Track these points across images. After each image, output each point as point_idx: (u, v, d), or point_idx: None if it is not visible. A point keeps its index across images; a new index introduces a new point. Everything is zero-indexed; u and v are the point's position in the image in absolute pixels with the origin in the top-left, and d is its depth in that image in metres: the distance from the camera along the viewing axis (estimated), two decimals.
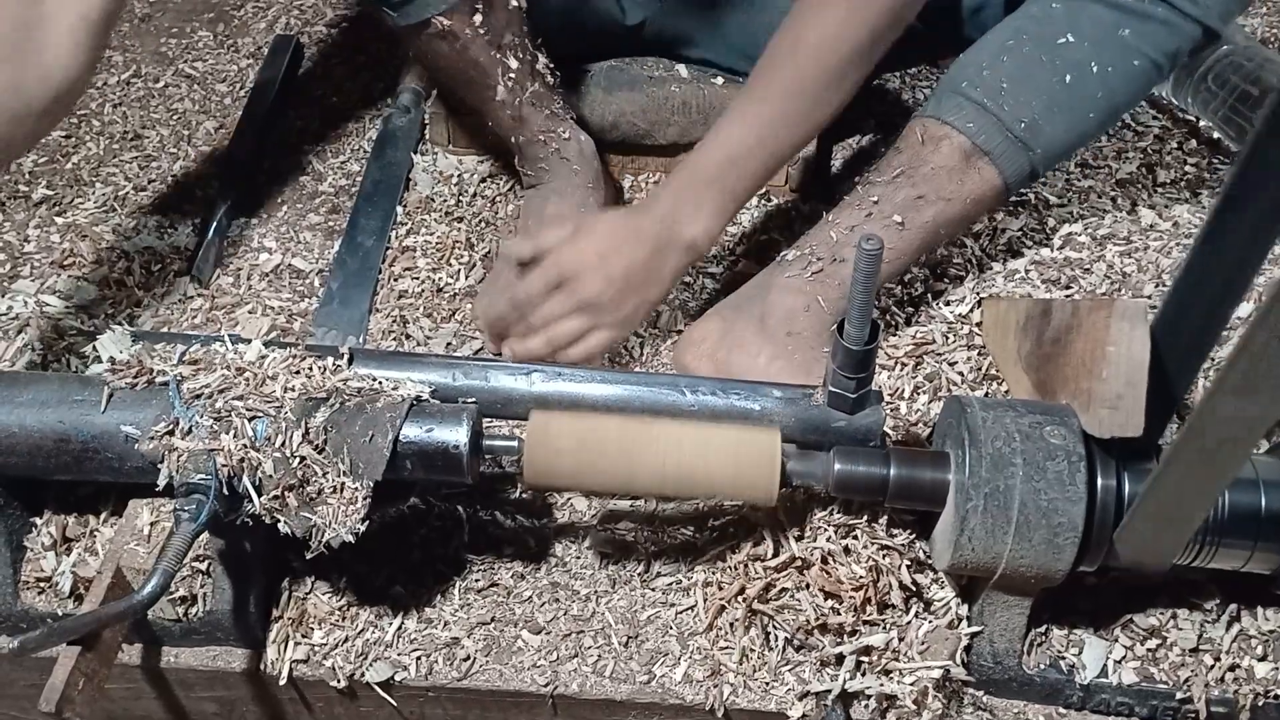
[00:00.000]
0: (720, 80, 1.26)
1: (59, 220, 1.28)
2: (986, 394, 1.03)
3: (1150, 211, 1.23)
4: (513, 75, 1.12)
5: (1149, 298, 1.11)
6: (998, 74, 1.02)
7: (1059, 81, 1.00)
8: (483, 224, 1.25)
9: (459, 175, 1.31)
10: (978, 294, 1.13)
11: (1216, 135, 1.36)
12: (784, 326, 1.02)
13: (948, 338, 1.08)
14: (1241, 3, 1.05)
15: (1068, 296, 1.12)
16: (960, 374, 1.05)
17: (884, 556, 0.84)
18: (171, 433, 0.78)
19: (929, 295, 1.14)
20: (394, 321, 1.14)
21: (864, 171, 1.15)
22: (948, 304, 1.13)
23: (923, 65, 1.44)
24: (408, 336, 1.13)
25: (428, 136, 1.34)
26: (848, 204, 1.06)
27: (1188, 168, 1.32)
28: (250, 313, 1.15)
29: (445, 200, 1.28)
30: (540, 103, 1.15)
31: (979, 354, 1.06)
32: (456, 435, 0.79)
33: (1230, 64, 1.32)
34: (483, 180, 1.31)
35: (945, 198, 1.02)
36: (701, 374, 0.99)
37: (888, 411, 0.95)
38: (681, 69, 1.27)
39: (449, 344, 1.12)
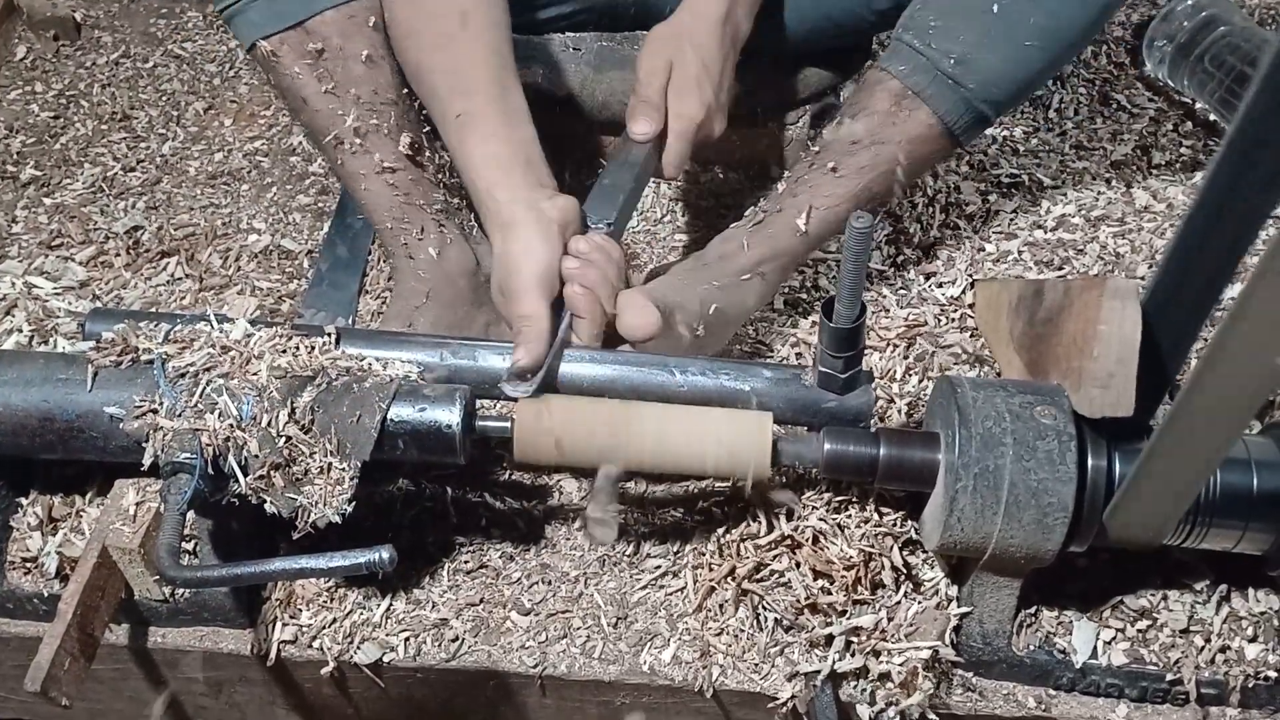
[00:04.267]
0: None
1: (47, 201, 1.27)
2: (979, 375, 1.02)
3: (1145, 193, 1.23)
4: (354, 137, 0.99)
5: (1142, 279, 1.11)
6: (927, 12, 1.01)
7: (988, 12, 0.98)
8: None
9: None
10: (970, 276, 1.12)
11: (1212, 117, 1.35)
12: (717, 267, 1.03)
13: (940, 319, 1.08)
14: None
15: (1061, 278, 1.11)
16: (953, 355, 1.04)
17: (876, 536, 0.84)
18: (156, 412, 0.78)
19: (921, 277, 1.14)
20: (383, 303, 1.14)
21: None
22: (940, 286, 1.12)
23: None
24: None
25: None
26: (801, 158, 1.08)
27: (1183, 150, 1.31)
28: (239, 294, 1.14)
29: None
30: (399, 186, 1.01)
31: (971, 335, 1.06)
32: (449, 415, 0.79)
33: (1227, 45, 1.31)
34: None
35: (879, 140, 1.02)
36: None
37: (878, 392, 0.95)
38: None
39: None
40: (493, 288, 0.90)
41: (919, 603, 0.83)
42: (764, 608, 0.84)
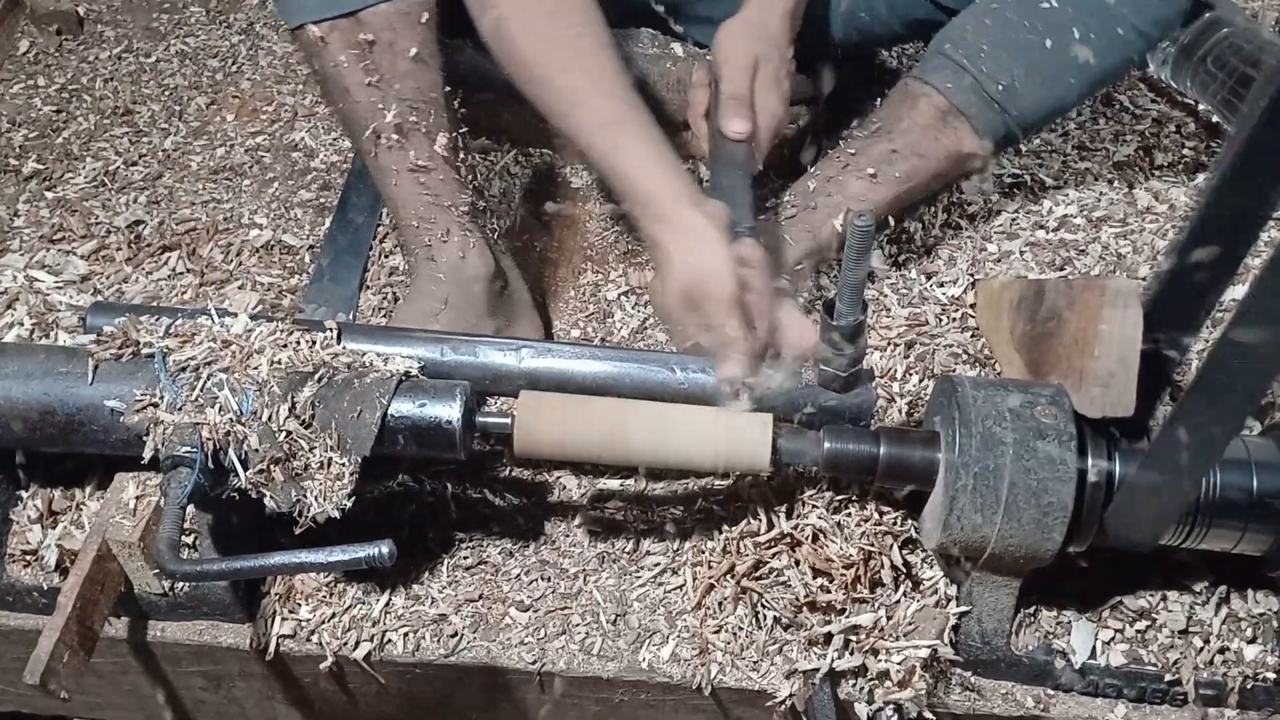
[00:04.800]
0: None
1: (49, 195, 1.27)
2: (979, 375, 1.02)
3: (1146, 194, 1.23)
4: (393, 133, 0.97)
5: (1143, 279, 1.11)
6: (979, 36, 1.03)
7: (1039, 46, 1.01)
8: None
9: None
10: (972, 275, 1.12)
11: (1215, 119, 1.35)
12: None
13: (941, 319, 1.08)
14: None
15: (1062, 278, 1.11)
16: (954, 355, 1.04)
17: (876, 535, 0.84)
18: (157, 405, 0.78)
19: (922, 277, 1.14)
20: (385, 298, 1.14)
21: (852, 127, 1.19)
22: (941, 285, 1.12)
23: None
24: None
25: None
26: (830, 156, 1.10)
27: (1185, 151, 1.31)
28: (240, 288, 1.14)
29: None
30: (429, 186, 1.00)
31: (972, 335, 1.06)
32: (450, 411, 0.79)
33: (1230, 46, 1.31)
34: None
35: (919, 154, 1.05)
36: (675, 302, 0.92)
37: (879, 391, 0.95)
38: (677, 47, 1.26)
39: None
40: (668, 297, 0.87)
41: (918, 601, 0.83)
42: (763, 606, 0.84)
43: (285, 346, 0.82)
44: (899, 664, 0.80)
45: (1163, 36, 1.04)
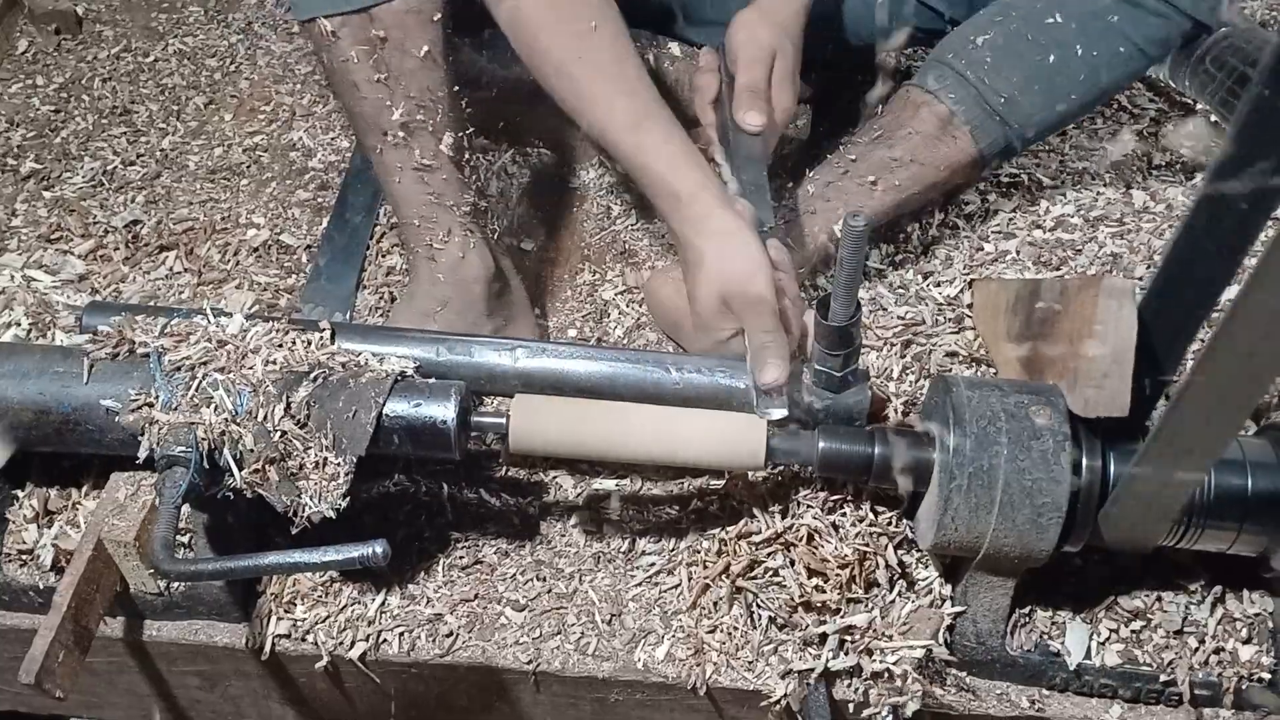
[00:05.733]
0: None
1: (46, 194, 1.27)
2: (975, 375, 1.02)
3: (1143, 193, 1.23)
4: (399, 131, 0.96)
5: (1139, 279, 1.11)
6: (983, 48, 1.04)
7: (1042, 60, 1.02)
8: None
9: None
10: (968, 275, 1.12)
11: (1213, 119, 1.35)
12: None
13: (937, 319, 1.08)
14: None
15: (1058, 277, 1.11)
16: (950, 354, 1.04)
17: (871, 535, 0.84)
18: (152, 405, 0.78)
19: (919, 276, 1.13)
20: (382, 298, 1.14)
21: (851, 132, 1.18)
22: (938, 285, 1.12)
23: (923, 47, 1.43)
24: None
25: None
26: (829, 161, 1.09)
27: (1183, 151, 1.31)
28: (237, 288, 1.14)
29: None
30: (432, 185, 0.99)
31: (969, 335, 1.06)
32: (445, 410, 0.79)
33: (1228, 47, 1.30)
34: None
35: (920, 162, 1.05)
36: (669, 301, 0.94)
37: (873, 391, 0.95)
38: (674, 47, 1.26)
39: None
40: (702, 297, 0.87)
41: (913, 602, 0.83)
42: (758, 605, 0.84)
43: (281, 346, 0.82)
44: (894, 664, 0.80)
45: (1161, 56, 1.06)
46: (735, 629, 0.85)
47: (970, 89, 1.03)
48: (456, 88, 0.98)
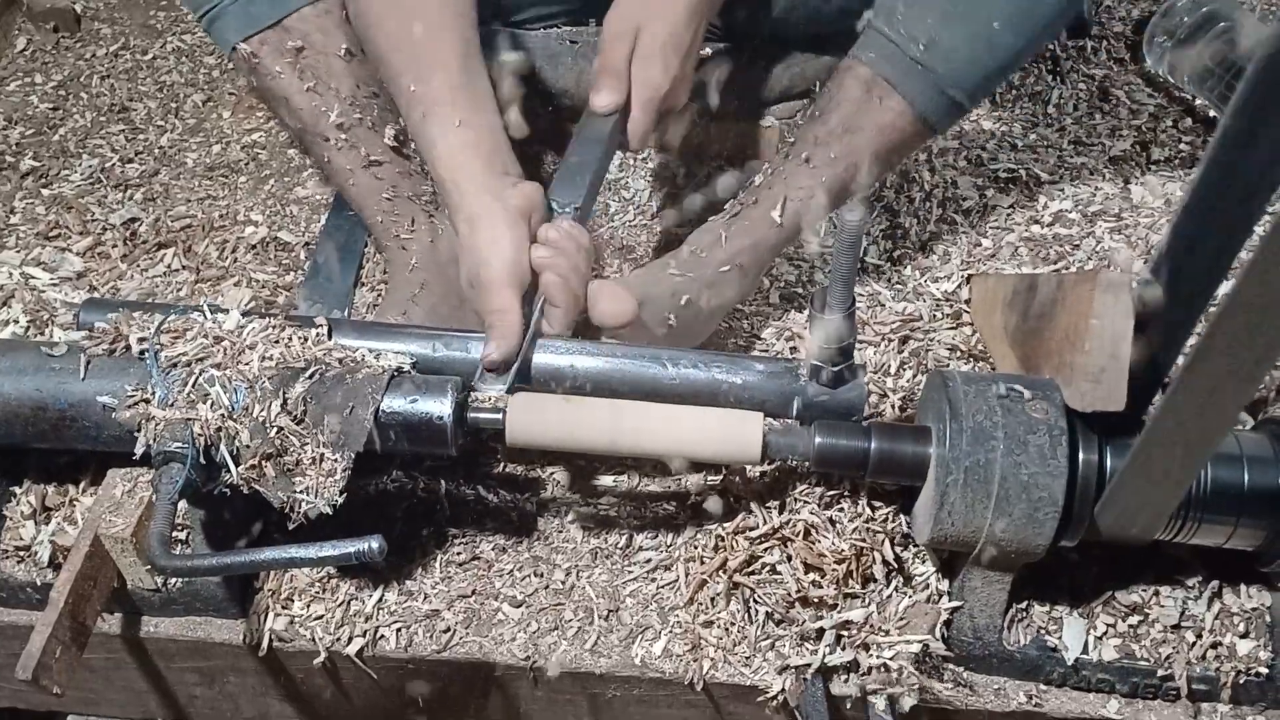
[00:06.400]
0: (707, 50, 1.24)
1: (45, 192, 1.27)
2: (972, 370, 1.02)
3: (1141, 189, 1.23)
4: (340, 133, 0.98)
5: (1137, 273, 1.10)
6: (897, 1, 0.98)
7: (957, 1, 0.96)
8: None
9: None
10: (966, 271, 1.12)
11: (1212, 114, 1.35)
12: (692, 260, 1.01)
13: (935, 314, 1.08)
14: None
15: (1055, 272, 1.11)
16: (947, 350, 1.04)
17: (868, 530, 0.84)
18: (149, 401, 0.78)
19: (916, 272, 1.13)
20: (379, 295, 1.14)
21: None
22: (935, 280, 1.12)
23: None
24: None
25: None
26: (778, 151, 1.07)
27: (1182, 146, 1.31)
28: (235, 285, 1.14)
29: None
30: (386, 179, 1.01)
31: (966, 330, 1.06)
32: (441, 406, 0.79)
33: (1228, 41, 1.31)
34: None
35: (851, 130, 1.00)
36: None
37: (871, 386, 0.95)
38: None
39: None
40: (461, 281, 0.89)
41: (910, 597, 0.83)
42: (755, 601, 0.84)
43: (277, 343, 0.82)
44: (891, 659, 0.80)
45: None
46: (732, 624, 0.85)
47: (888, 44, 0.98)
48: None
